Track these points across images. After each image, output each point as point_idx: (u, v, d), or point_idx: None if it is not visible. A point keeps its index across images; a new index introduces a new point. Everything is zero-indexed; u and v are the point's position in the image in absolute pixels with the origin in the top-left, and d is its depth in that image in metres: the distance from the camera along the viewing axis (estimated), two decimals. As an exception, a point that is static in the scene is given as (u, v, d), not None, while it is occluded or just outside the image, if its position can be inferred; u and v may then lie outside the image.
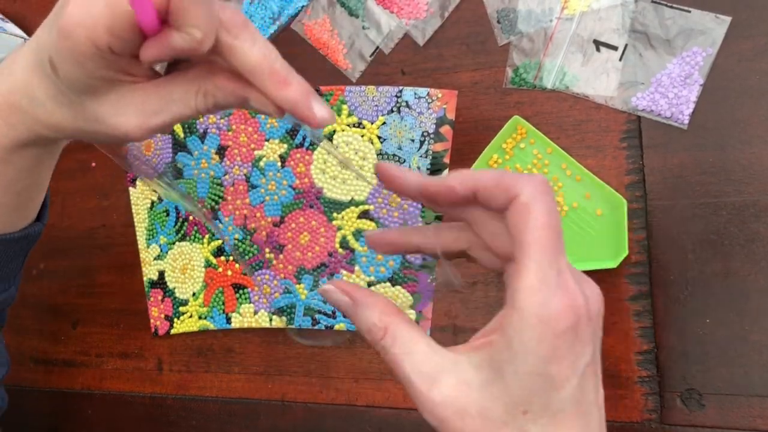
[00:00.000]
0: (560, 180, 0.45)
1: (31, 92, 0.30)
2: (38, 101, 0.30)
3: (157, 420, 0.56)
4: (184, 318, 0.55)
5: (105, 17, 0.25)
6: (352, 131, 0.50)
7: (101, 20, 0.25)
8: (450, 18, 0.48)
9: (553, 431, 0.26)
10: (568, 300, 0.25)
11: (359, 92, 0.49)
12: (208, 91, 0.29)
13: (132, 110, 0.29)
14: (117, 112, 0.29)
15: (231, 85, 0.29)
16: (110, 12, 0.25)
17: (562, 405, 0.26)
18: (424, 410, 0.26)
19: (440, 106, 0.48)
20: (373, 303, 0.28)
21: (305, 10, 0.52)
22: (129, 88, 0.29)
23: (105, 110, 0.29)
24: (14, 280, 0.41)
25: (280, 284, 0.52)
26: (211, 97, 0.29)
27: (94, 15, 0.25)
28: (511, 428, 0.26)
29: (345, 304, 0.29)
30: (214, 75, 0.29)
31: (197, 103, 0.29)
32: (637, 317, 0.43)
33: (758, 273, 0.41)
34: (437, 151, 0.48)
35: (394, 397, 0.49)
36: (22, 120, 0.32)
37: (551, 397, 0.26)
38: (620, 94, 0.44)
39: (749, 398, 0.41)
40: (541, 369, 0.25)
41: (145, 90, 0.29)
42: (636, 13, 0.44)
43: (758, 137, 0.41)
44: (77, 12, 0.25)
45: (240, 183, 0.53)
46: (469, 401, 0.26)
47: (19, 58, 0.31)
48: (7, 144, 0.33)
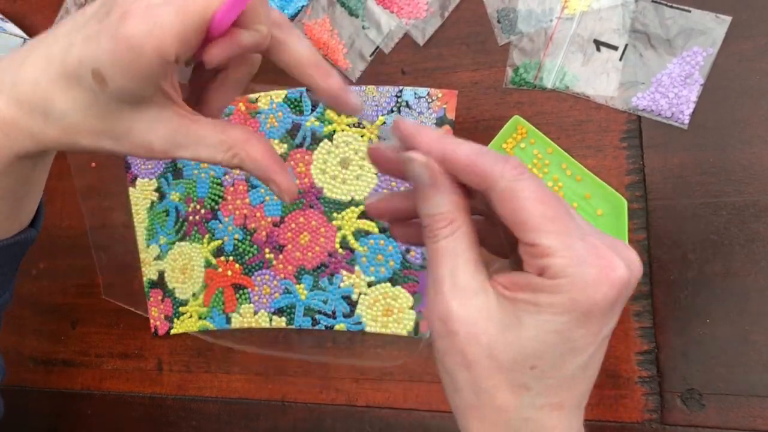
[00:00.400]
0: (560, 180, 0.45)
1: (47, 105, 0.29)
2: (57, 114, 0.29)
3: (157, 420, 0.56)
4: (183, 318, 0.55)
5: (175, 26, 0.25)
6: (352, 131, 0.50)
7: (172, 29, 0.25)
8: (450, 18, 0.48)
9: (555, 393, 0.26)
10: (606, 270, 0.25)
11: (359, 92, 0.49)
12: (237, 155, 0.30)
13: (163, 132, 0.29)
14: (150, 129, 0.29)
15: (263, 162, 0.30)
16: (180, 20, 0.25)
17: (574, 371, 0.26)
18: (436, 313, 0.26)
19: (440, 106, 0.48)
20: (449, 190, 0.27)
21: (305, 10, 0.52)
22: (167, 108, 0.29)
23: (140, 126, 0.29)
24: (9, 286, 0.41)
25: (280, 284, 0.52)
26: (238, 160, 0.30)
27: (164, 25, 0.25)
28: (511, 376, 0.26)
29: (422, 180, 0.27)
30: (250, 144, 0.30)
31: (223, 159, 0.30)
32: (637, 317, 0.43)
33: (758, 273, 0.41)
34: None
35: (394, 397, 0.49)
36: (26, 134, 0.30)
37: (566, 360, 0.26)
38: (620, 94, 0.44)
39: (749, 398, 0.41)
40: (566, 333, 0.25)
41: (182, 118, 0.29)
42: (636, 13, 0.44)
43: (758, 137, 0.41)
44: (144, 24, 0.25)
45: (240, 183, 0.53)
46: (485, 332, 0.25)
47: (27, 70, 0.29)
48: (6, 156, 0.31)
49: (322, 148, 0.51)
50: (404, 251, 0.48)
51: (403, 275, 0.48)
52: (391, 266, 0.49)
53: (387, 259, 0.49)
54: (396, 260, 0.49)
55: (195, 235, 0.55)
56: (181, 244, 0.55)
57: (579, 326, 0.25)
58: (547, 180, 0.46)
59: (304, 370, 0.51)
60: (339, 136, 0.50)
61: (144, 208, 0.57)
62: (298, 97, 0.51)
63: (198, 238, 0.54)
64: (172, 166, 0.56)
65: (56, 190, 0.60)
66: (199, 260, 0.54)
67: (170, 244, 0.55)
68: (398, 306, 0.48)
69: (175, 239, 0.55)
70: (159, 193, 0.56)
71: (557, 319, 0.25)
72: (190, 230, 0.55)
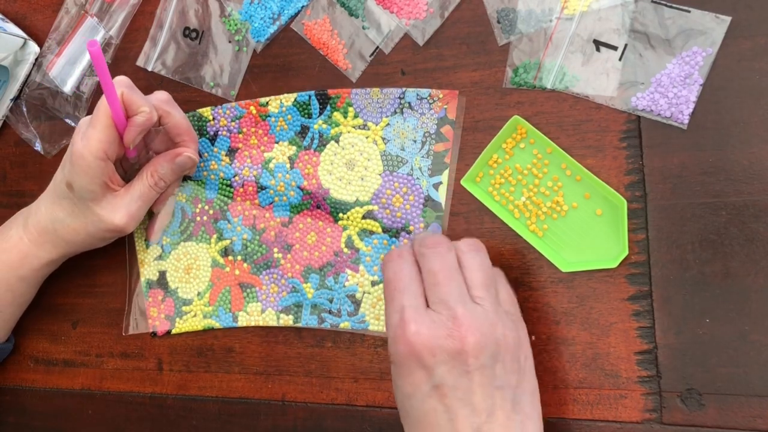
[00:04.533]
0: (560, 180, 0.45)
1: (54, 215, 0.49)
2: (59, 220, 0.49)
3: (157, 420, 0.56)
4: (187, 317, 0.55)
5: (99, 134, 0.45)
6: (357, 133, 0.50)
7: (97, 137, 0.45)
8: (450, 18, 0.48)
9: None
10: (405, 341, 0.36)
11: (364, 94, 0.50)
12: (154, 171, 0.49)
13: (119, 208, 0.48)
14: (112, 211, 0.48)
15: (162, 158, 0.50)
16: (100, 131, 0.45)
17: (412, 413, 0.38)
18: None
19: (441, 106, 0.48)
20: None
21: (305, 10, 0.52)
22: (114, 194, 0.48)
23: (104, 212, 0.48)
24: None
25: (288, 283, 0.52)
26: (156, 173, 0.49)
27: (92, 137, 0.45)
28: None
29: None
30: (154, 161, 0.50)
31: (149, 181, 0.49)
32: (637, 317, 0.43)
33: (758, 273, 0.41)
34: (438, 152, 0.48)
35: (393, 397, 0.49)
36: (50, 240, 0.50)
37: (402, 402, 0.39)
38: (620, 94, 0.44)
39: (749, 398, 0.41)
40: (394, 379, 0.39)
41: (123, 192, 0.49)
42: (636, 13, 0.44)
43: (758, 137, 0.41)
44: (82, 141, 0.45)
45: (249, 184, 0.53)
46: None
47: (41, 202, 0.51)
48: (35, 264, 0.51)
49: (329, 149, 0.51)
50: None
51: None
52: None
53: None
54: None
55: (202, 235, 0.55)
56: (186, 244, 0.55)
57: (396, 376, 0.38)
58: (546, 180, 0.46)
59: (304, 370, 0.51)
60: (345, 137, 0.50)
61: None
62: (306, 100, 0.52)
63: (205, 238, 0.55)
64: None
65: (56, 190, 0.60)
66: (206, 260, 0.54)
67: (174, 245, 0.55)
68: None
69: (180, 240, 0.55)
70: None
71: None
72: (196, 231, 0.55)
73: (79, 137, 0.45)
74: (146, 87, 0.57)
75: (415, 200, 0.49)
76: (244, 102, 0.53)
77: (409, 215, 0.49)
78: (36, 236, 0.50)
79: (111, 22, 0.58)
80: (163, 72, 0.56)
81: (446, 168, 0.48)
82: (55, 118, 0.60)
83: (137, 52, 0.57)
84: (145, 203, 0.50)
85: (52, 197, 0.49)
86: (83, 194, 0.47)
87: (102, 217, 0.48)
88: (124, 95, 0.44)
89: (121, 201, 0.48)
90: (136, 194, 0.49)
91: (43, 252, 0.51)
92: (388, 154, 0.49)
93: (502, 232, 0.47)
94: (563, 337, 0.45)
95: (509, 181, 0.47)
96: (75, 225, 0.49)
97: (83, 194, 0.47)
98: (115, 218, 0.48)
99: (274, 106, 0.53)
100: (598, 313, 0.44)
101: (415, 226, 0.49)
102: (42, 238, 0.50)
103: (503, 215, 0.46)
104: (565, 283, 0.45)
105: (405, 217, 0.49)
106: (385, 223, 0.49)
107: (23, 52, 0.59)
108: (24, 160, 0.62)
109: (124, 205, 0.48)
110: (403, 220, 0.49)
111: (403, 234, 0.49)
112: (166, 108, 0.48)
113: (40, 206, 0.50)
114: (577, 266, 0.44)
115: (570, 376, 0.45)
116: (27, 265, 0.51)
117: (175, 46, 0.56)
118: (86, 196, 0.47)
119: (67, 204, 0.48)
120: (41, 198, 0.51)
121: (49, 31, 0.60)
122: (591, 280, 0.44)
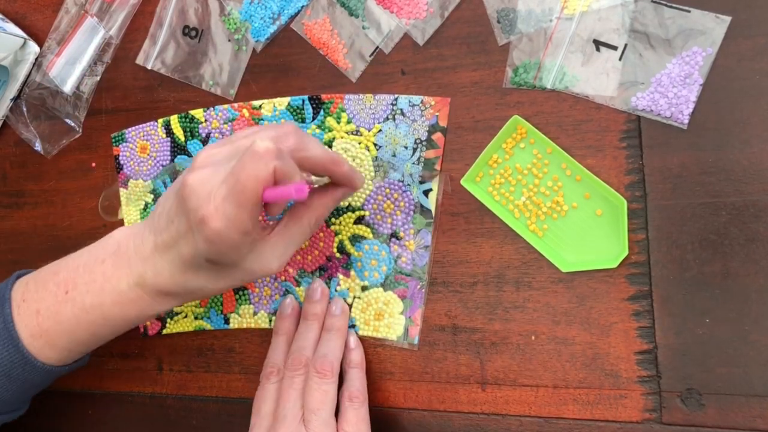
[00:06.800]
0: (560, 180, 0.45)
1: (187, 285, 0.41)
2: (198, 288, 0.41)
3: (157, 420, 0.56)
4: (178, 318, 0.55)
5: (240, 213, 0.36)
6: (350, 138, 0.50)
7: (245, 217, 0.36)
8: (450, 18, 0.48)
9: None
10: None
11: (357, 100, 0.50)
12: (320, 217, 0.43)
13: (275, 258, 0.41)
14: (267, 262, 0.41)
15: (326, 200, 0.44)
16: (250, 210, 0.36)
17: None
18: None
19: (433, 113, 0.48)
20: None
21: (305, 10, 0.52)
22: (265, 242, 0.41)
23: (257, 266, 0.40)
24: (27, 403, 0.50)
25: (280, 286, 0.52)
26: (317, 222, 0.43)
27: (237, 218, 0.36)
28: None
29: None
30: (312, 209, 0.43)
31: (312, 230, 0.43)
32: (637, 317, 0.43)
33: (758, 273, 0.41)
34: (429, 159, 0.48)
35: (394, 397, 0.49)
36: (179, 299, 0.43)
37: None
38: (620, 94, 0.44)
39: (749, 398, 0.41)
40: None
41: (277, 239, 0.41)
42: (636, 13, 0.44)
43: (758, 137, 0.41)
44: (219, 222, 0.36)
45: None
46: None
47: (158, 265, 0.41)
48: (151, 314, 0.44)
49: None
50: (396, 257, 0.49)
51: (395, 280, 0.49)
52: (384, 271, 0.49)
53: (380, 264, 0.49)
54: (388, 266, 0.49)
55: None
56: None
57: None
58: (546, 180, 0.46)
59: (303, 370, 0.51)
60: (338, 143, 0.50)
61: (137, 209, 0.57)
62: (300, 104, 0.51)
63: None
64: (171, 168, 0.56)
65: (57, 190, 0.60)
66: None
67: None
68: (389, 311, 0.49)
69: None
70: (155, 194, 0.56)
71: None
72: None
73: (214, 209, 0.35)
74: (146, 86, 0.57)
75: (405, 207, 0.48)
76: (237, 104, 0.53)
77: (399, 221, 0.49)
78: (161, 298, 0.42)
79: (111, 21, 0.58)
80: (162, 70, 0.56)
81: (436, 175, 0.48)
82: (55, 118, 0.60)
83: (137, 52, 0.57)
84: (300, 244, 0.43)
85: (179, 267, 0.40)
86: (231, 263, 0.40)
87: (255, 272, 0.41)
88: (277, 170, 0.36)
89: (275, 249, 0.41)
90: (296, 239, 0.42)
91: (165, 306, 0.43)
92: (379, 160, 0.49)
93: (502, 232, 0.47)
94: (563, 337, 0.45)
95: (509, 181, 0.47)
96: (219, 286, 0.41)
97: (231, 263, 0.40)
98: (272, 267, 0.41)
99: (267, 110, 0.52)
100: (598, 313, 0.44)
101: (405, 232, 0.49)
102: (169, 298, 0.43)
103: (503, 215, 0.46)
104: (565, 283, 0.45)
105: (395, 224, 0.49)
106: (375, 228, 0.49)
107: (23, 52, 0.59)
108: (24, 160, 0.62)
109: (280, 253, 0.41)
110: (393, 226, 0.49)
111: (393, 240, 0.49)
112: (302, 155, 0.40)
113: (158, 270, 0.41)
114: (577, 266, 0.44)
115: (570, 376, 0.45)
116: (143, 317, 0.44)
117: (175, 45, 0.56)
118: (235, 263, 0.40)
119: (205, 273, 0.40)
120: (152, 258, 0.41)
121: (49, 30, 0.60)
122: (591, 280, 0.44)
